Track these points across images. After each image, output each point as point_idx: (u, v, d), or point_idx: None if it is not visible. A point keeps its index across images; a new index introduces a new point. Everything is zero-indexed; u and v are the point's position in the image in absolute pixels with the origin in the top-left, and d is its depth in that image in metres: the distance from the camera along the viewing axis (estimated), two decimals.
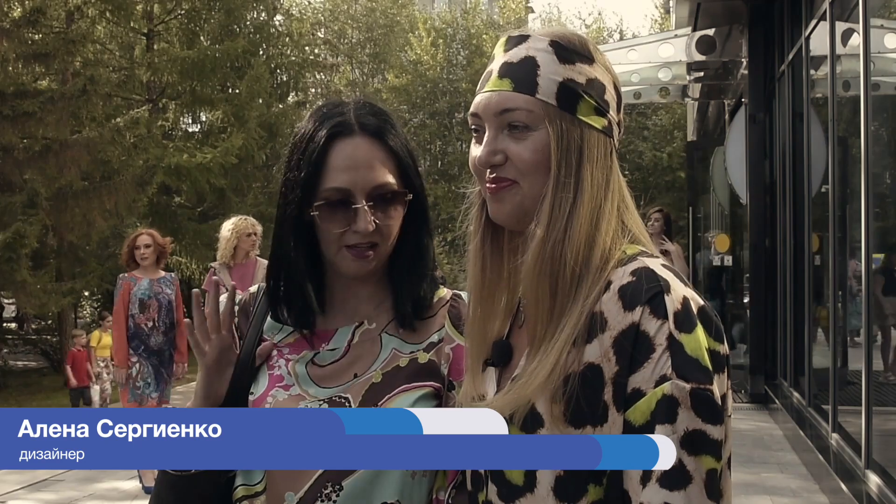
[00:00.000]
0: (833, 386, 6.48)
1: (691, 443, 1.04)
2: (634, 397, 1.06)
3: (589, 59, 1.19)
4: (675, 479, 1.03)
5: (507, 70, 1.18)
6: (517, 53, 1.18)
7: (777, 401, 8.43)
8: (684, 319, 1.07)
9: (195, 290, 1.50)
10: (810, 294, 7.76)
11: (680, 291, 1.09)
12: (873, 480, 5.02)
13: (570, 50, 1.18)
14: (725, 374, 1.09)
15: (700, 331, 1.07)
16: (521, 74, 1.16)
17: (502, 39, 1.22)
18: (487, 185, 1.19)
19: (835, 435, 6.23)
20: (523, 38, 1.19)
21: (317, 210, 1.36)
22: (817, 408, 7.17)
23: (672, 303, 1.07)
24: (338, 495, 1.32)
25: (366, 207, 1.34)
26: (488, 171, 1.18)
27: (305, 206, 1.37)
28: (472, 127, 1.22)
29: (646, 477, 1.04)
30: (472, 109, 1.21)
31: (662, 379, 1.04)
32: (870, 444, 5.23)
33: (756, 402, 9.13)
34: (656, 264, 1.12)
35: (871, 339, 5.28)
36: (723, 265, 11.50)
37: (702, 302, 1.11)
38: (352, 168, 1.36)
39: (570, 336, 1.10)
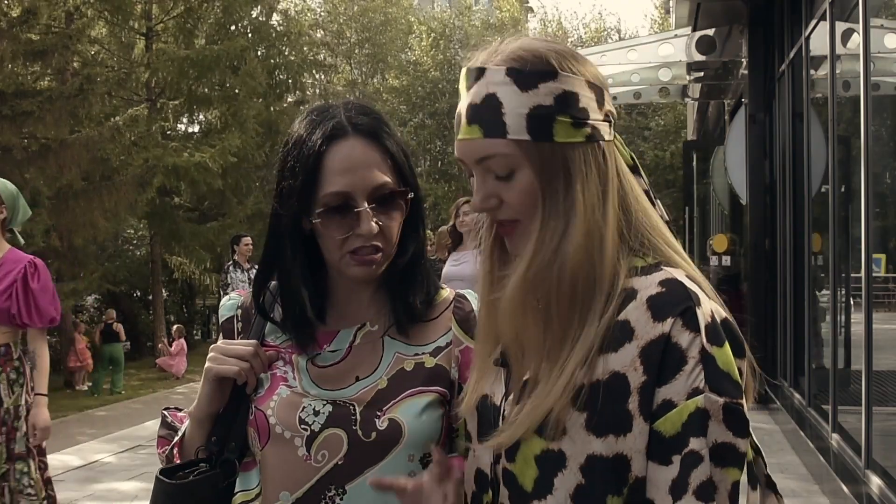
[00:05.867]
0: (833, 386, 6.47)
1: (721, 455, 1.04)
2: (665, 408, 1.05)
3: (552, 73, 1.11)
4: (705, 490, 1.03)
5: (473, 114, 1.13)
6: (479, 92, 1.13)
7: (777, 401, 8.42)
8: (715, 333, 1.07)
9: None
10: (810, 294, 7.76)
11: (707, 305, 1.09)
12: (873, 481, 5.01)
13: (529, 73, 1.11)
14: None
15: (728, 345, 1.08)
16: (487, 117, 1.11)
17: (463, 72, 1.17)
18: (493, 222, 1.19)
19: (835, 435, 6.23)
20: (481, 72, 1.13)
21: (318, 217, 1.32)
22: (817, 408, 7.16)
23: (703, 316, 1.07)
24: (341, 499, 1.30)
25: (368, 209, 1.31)
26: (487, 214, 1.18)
27: (303, 213, 1.34)
28: (462, 166, 1.20)
29: (675, 488, 1.04)
30: (455, 153, 1.19)
31: (695, 392, 1.04)
32: (870, 445, 5.23)
33: (756, 402, 9.10)
34: (682, 275, 1.12)
35: (871, 339, 5.27)
36: (721, 266, 11.48)
37: (725, 314, 1.11)
38: (350, 170, 1.32)
39: (588, 349, 1.09)
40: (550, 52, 1.13)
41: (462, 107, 1.15)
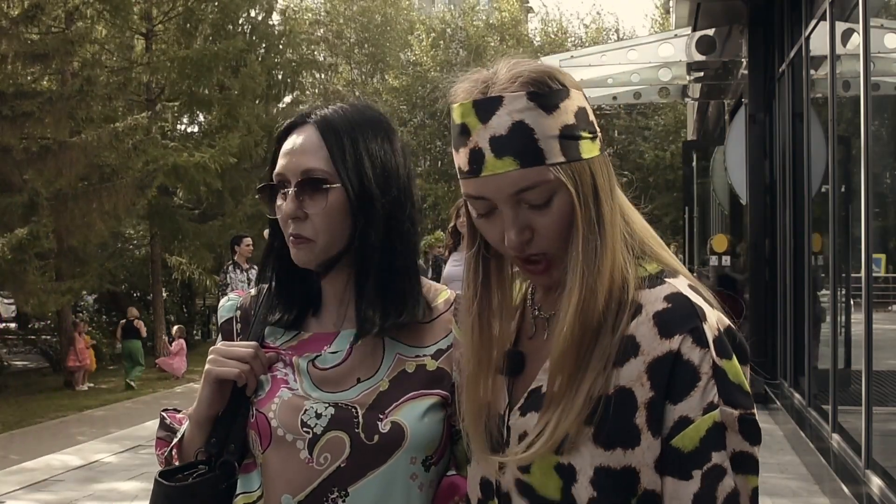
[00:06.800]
0: (833, 386, 6.47)
1: (739, 464, 1.06)
2: (682, 425, 1.05)
3: (565, 91, 1.09)
4: (732, 502, 1.05)
5: (500, 145, 1.07)
6: (500, 122, 1.07)
7: (777, 401, 8.41)
8: (723, 347, 1.07)
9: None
10: (810, 294, 7.75)
11: (713, 317, 1.09)
12: (874, 481, 5.01)
13: (548, 95, 1.08)
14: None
15: (735, 357, 1.08)
16: (521, 147, 1.07)
17: (463, 106, 1.10)
18: (520, 261, 1.15)
19: (835, 435, 6.22)
20: (496, 102, 1.08)
21: (258, 194, 1.38)
22: (817, 408, 7.16)
23: (710, 331, 1.07)
24: (344, 501, 1.30)
25: (292, 192, 1.33)
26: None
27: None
28: (479, 206, 1.13)
29: (700, 502, 1.04)
30: (473, 192, 1.11)
31: (710, 406, 1.05)
32: (870, 445, 5.22)
33: (756, 402, 9.07)
34: (684, 286, 1.11)
35: (871, 339, 5.26)
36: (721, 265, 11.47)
37: (727, 322, 1.11)
38: (288, 154, 1.35)
39: (604, 363, 1.08)
40: (556, 70, 1.12)
41: (479, 141, 1.08)
